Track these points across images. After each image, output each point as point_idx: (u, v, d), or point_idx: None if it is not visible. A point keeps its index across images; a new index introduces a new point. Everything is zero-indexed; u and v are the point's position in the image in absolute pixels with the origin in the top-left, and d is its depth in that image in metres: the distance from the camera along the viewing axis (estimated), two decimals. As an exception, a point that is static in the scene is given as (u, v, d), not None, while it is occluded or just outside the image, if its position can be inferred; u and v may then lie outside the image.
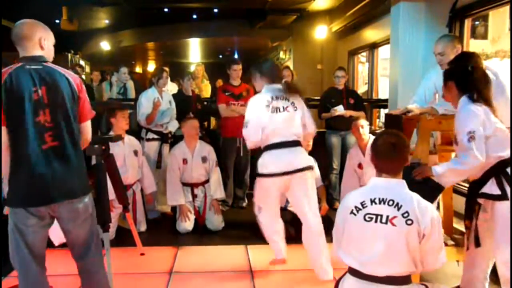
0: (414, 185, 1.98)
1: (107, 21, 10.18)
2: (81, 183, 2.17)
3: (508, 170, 2.25)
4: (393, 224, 1.81)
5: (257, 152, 3.10)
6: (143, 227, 4.18)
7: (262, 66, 3.14)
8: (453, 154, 3.22)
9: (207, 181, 4.37)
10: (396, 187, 1.89)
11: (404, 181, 1.93)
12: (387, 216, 1.82)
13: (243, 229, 4.29)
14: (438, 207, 3.41)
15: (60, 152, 2.04)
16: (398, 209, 1.82)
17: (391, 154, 1.89)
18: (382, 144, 1.92)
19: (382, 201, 1.85)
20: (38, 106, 1.98)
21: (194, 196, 4.32)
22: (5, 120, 1.96)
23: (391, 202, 1.84)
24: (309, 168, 3.02)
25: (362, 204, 1.87)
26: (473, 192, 2.42)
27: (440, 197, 3.29)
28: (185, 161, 4.26)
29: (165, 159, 4.67)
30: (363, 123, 4.07)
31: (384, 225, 1.81)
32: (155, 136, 4.72)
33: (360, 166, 4.12)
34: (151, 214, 4.52)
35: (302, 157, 3.01)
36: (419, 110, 2.98)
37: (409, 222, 1.79)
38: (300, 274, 3.16)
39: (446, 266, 3.11)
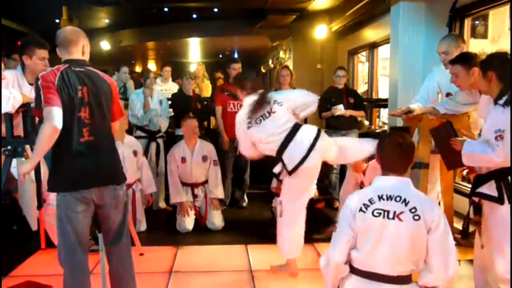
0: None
1: (107, 21, 10.15)
2: (119, 171, 2.39)
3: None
4: (400, 219, 1.83)
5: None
6: (142, 227, 4.18)
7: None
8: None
9: (207, 181, 4.36)
10: (402, 184, 1.93)
11: (409, 180, 1.96)
12: (394, 212, 1.85)
13: (243, 229, 4.29)
14: (438, 207, 3.40)
15: (95, 146, 2.23)
16: (406, 204, 1.85)
17: (398, 153, 1.92)
18: (389, 144, 1.95)
19: (389, 197, 1.88)
20: (81, 103, 2.20)
21: (195, 196, 4.31)
22: (63, 107, 2.13)
23: (398, 198, 1.87)
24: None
25: (370, 200, 1.89)
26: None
27: (440, 196, 3.29)
28: (183, 159, 4.25)
29: (152, 157, 4.80)
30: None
31: (391, 220, 1.84)
32: (143, 134, 4.85)
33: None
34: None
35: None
36: (421, 110, 2.98)
37: (416, 217, 1.83)
38: (300, 274, 3.15)
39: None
